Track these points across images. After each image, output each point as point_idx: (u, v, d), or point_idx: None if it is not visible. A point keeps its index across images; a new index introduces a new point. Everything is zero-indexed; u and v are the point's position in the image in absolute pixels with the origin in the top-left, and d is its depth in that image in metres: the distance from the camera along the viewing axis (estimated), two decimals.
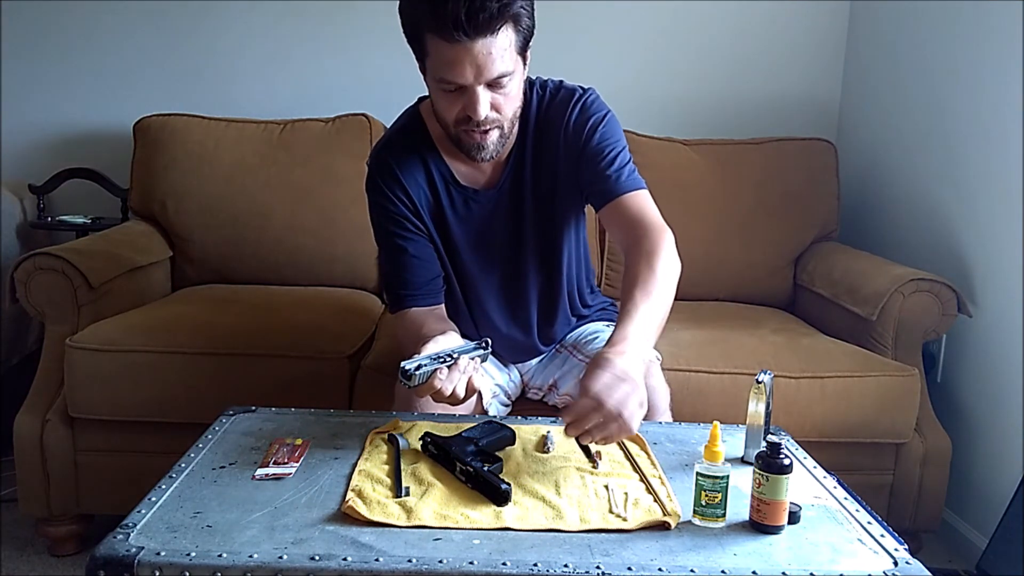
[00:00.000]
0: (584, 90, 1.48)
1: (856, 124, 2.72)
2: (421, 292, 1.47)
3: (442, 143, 1.47)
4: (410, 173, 1.47)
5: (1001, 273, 2.00)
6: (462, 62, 1.26)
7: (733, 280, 2.45)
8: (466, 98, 1.31)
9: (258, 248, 2.43)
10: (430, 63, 1.31)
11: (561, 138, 1.46)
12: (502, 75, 1.29)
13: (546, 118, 1.46)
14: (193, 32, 2.69)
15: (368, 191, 1.52)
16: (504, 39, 1.27)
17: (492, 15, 1.23)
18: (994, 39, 2.04)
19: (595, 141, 1.44)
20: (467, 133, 1.35)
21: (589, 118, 1.45)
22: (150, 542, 0.96)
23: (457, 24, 1.22)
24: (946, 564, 2.03)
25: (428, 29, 1.27)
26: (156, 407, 1.88)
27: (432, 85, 1.35)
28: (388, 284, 1.52)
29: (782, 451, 1.05)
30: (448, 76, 1.29)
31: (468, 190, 1.49)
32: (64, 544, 1.98)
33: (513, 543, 1.00)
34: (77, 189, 2.64)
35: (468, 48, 1.25)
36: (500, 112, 1.34)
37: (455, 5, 1.21)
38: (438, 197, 1.48)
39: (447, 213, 1.49)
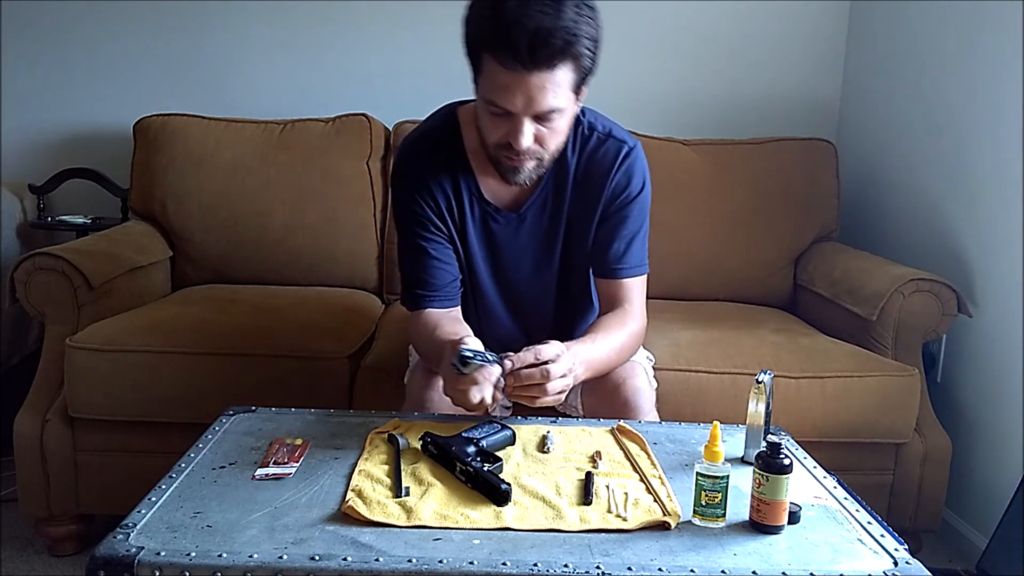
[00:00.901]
0: (631, 146, 1.48)
1: (856, 124, 2.72)
2: (438, 294, 1.47)
3: (474, 154, 1.45)
4: (437, 178, 1.45)
5: (1001, 273, 2.00)
6: (514, 90, 1.25)
7: (733, 280, 2.45)
8: (511, 124, 1.29)
9: (258, 248, 2.43)
10: (482, 82, 1.30)
11: (604, 191, 1.47)
12: (552, 110, 1.28)
13: (590, 163, 1.46)
14: (193, 32, 2.69)
15: (393, 185, 1.51)
16: (561, 76, 1.25)
17: (554, 51, 1.21)
18: (994, 39, 2.04)
19: (624, 214, 1.48)
20: (506, 157, 1.34)
21: (629, 183, 1.47)
22: (150, 542, 0.96)
23: (518, 53, 1.20)
24: (946, 564, 2.03)
25: (487, 49, 1.25)
26: (156, 407, 1.88)
27: (480, 103, 1.33)
28: (405, 282, 1.51)
29: (782, 451, 1.05)
30: (498, 100, 1.27)
31: (491, 207, 1.48)
32: (64, 544, 1.98)
33: (513, 543, 0.99)
34: (77, 189, 2.64)
35: (523, 78, 1.23)
36: (542, 145, 1.33)
37: (520, 34, 1.19)
38: (462, 208, 1.47)
39: (468, 225, 1.48)
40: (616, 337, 1.45)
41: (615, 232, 1.49)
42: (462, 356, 1.18)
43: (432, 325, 1.43)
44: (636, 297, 1.52)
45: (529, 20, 1.19)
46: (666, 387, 1.78)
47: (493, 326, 1.58)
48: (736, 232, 2.44)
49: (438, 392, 1.42)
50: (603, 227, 1.49)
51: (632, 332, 1.50)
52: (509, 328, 1.59)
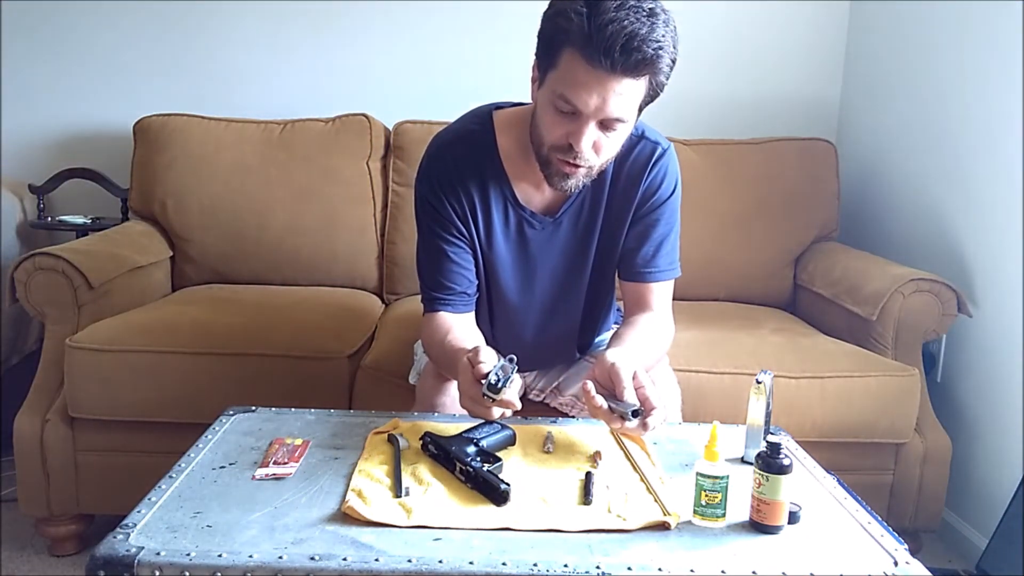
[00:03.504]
0: (664, 148, 1.47)
1: (856, 124, 2.72)
2: (454, 298, 1.45)
3: (509, 160, 1.43)
4: (466, 182, 1.43)
5: (1001, 273, 2.00)
6: (592, 90, 1.23)
7: (733, 280, 2.45)
8: (574, 126, 1.27)
9: (258, 248, 2.43)
10: (555, 77, 1.26)
11: (637, 193, 1.46)
12: (618, 119, 1.27)
13: (624, 165, 1.45)
14: (193, 32, 2.69)
15: (419, 183, 1.48)
16: (638, 87, 1.25)
17: (643, 59, 1.20)
18: (994, 39, 2.05)
19: (655, 216, 1.47)
20: (560, 160, 1.32)
21: (661, 185, 1.46)
22: (150, 542, 0.96)
23: (608, 52, 1.19)
24: (946, 564, 2.03)
25: (572, 45, 1.22)
26: (156, 407, 1.88)
27: (546, 99, 1.30)
28: (422, 282, 1.49)
29: (782, 451, 1.05)
30: (571, 96, 1.24)
31: (527, 212, 1.45)
32: (64, 544, 1.98)
33: (513, 543, 0.99)
34: (77, 189, 2.64)
35: (605, 79, 1.22)
36: (598, 153, 1.31)
37: (615, 34, 1.18)
38: (489, 214, 1.45)
39: (497, 231, 1.46)
40: (654, 342, 1.44)
41: (646, 235, 1.48)
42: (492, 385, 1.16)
43: (444, 330, 1.42)
44: (664, 301, 1.51)
45: (627, 24, 1.19)
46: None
47: (513, 332, 1.56)
48: (736, 232, 2.44)
49: (450, 397, 1.41)
50: (634, 229, 1.48)
51: (667, 337, 1.50)
52: (530, 334, 1.57)
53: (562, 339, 1.61)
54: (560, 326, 1.58)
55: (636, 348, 1.35)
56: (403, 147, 2.47)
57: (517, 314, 1.55)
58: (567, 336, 1.61)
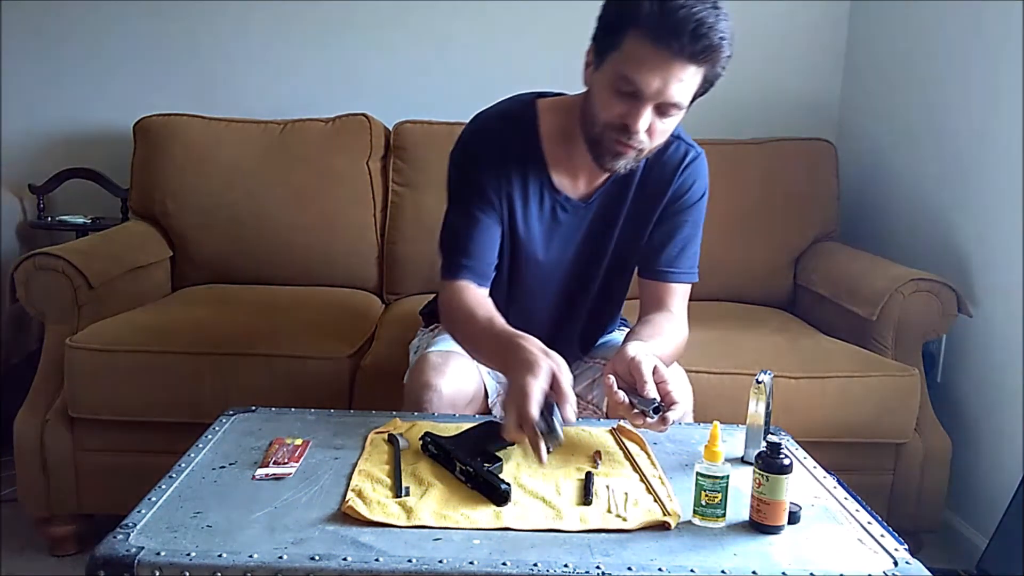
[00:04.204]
0: (697, 152, 1.51)
1: (856, 124, 2.72)
2: (479, 269, 1.43)
3: (550, 143, 1.45)
4: (505, 160, 1.44)
5: (1001, 273, 2.00)
6: (655, 71, 1.25)
7: (733, 280, 2.45)
8: (632, 106, 1.29)
9: (258, 248, 2.43)
10: (617, 58, 1.28)
11: (667, 192, 1.48)
12: (675, 105, 1.29)
13: (657, 162, 1.47)
14: (193, 32, 2.69)
15: (458, 154, 1.47)
16: (697, 75, 1.27)
17: (708, 47, 1.24)
18: (994, 39, 2.04)
19: (682, 218, 1.50)
20: (612, 139, 1.33)
21: (691, 187, 1.49)
22: (150, 542, 0.96)
23: (678, 35, 1.22)
24: (946, 564, 2.03)
25: (639, 26, 1.24)
26: (156, 407, 1.88)
27: (605, 80, 1.31)
28: (447, 248, 1.46)
29: (782, 451, 1.04)
30: (634, 76, 1.26)
31: (561, 196, 1.47)
32: (64, 544, 1.98)
33: (513, 543, 0.99)
34: (77, 189, 2.64)
35: (669, 62, 1.24)
36: (650, 138, 1.33)
37: (686, 19, 1.21)
38: (527, 194, 1.46)
39: (532, 214, 1.47)
40: (671, 340, 1.45)
41: (671, 235, 1.51)
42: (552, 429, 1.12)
43: (471, 303, 1.39)
44: (682, 303, 1.54)
45: (697, 11, 1.22)
46: None
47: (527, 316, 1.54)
48: (736, 232, 2.44)
49: (439, 395, 1.41)
50: (659, 229, 1.51)
51: (682, 336, 1.51)
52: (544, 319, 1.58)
53: (571, 331, 1.61)
54: (572, 317, 1.59)
55: (655, 343, 1.35)
56: (403, 147, 2.47)
57: (536, 298, 1.55)
58: (575, 329, 1.61)
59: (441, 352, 1.47)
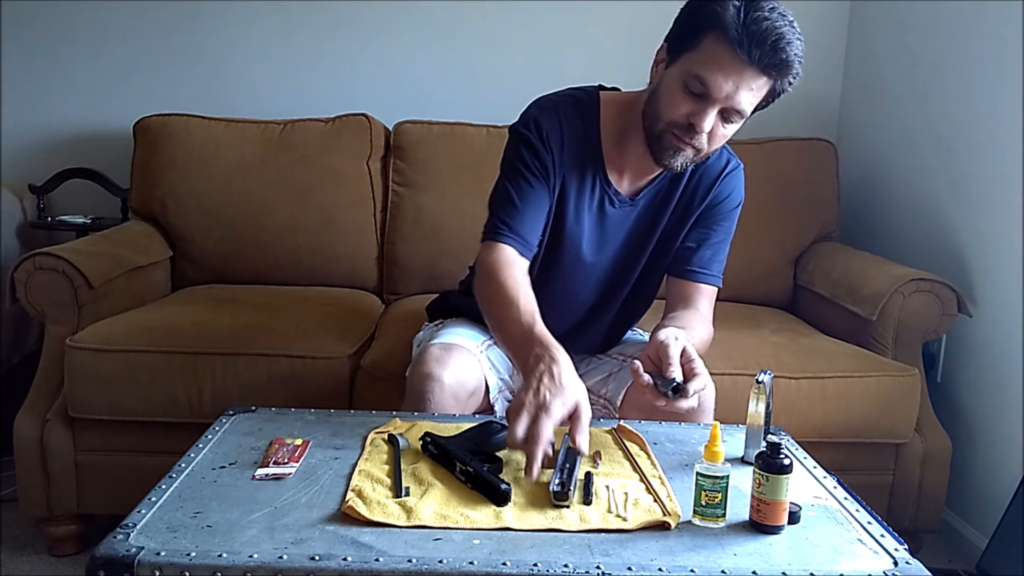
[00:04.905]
0: (738, 164, 1.57)
1: (856, 124, 2.72)
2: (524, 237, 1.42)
3: (609, 136, 1.48)
4: (569, 144, 1.46)
5: (1001, 273, 2.00)
6: (729, 75, 1.29)
7: (733, 280, 2.41)
8: (699, 107, 1.33)
9: (258, 248, 2.43)
10: (692, 57, 1.32)
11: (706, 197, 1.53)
12: (739, 112, 1.34)
13: (700, 167, 1.51)
14: (193, 32, 2.69)
15: (521, 127, 1.46)
16: (765, 87, 1.33)
17: (783, 61, 1.30)
18: (994, 39, 2.05)
19: (717, 223, 1.55)
20: (675, 136, 1.36)
21: (729, 195, 1.55)
22: (150, 542, 0.96)
23: (759, 44, 1.27)
24: (946, 564, 2.03)
25: (721, 30, 1.28)
26: (156, 407, 1.88)
27: (675, 78, 1.34)
28: (496, 207, 1.45)
29: (782, 451, 1.04)
30: (707, 77, 1.30)
31: (611, 189, 1.50)
32: (64, 544, 1.98)
33: (513, 543, 0.99)
34: (77, 189, 2.64)
35: (743, 69, 1.29)
36: (710, 141, 1.37)
37: (768, 31, 1.27)
38: (582, 185, 1.48)
39: (584, 203, 1.49)
40: (698, 333, 1.46)
41: (704, 238, 1.55)
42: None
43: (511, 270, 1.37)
44: (709, 305, 1.57)
45: (778, 27, 1.29)
46: None
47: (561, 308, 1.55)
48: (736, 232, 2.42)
49: (440, 386, 1.40)
50: (694, 231, 1.55)
51: (709, 333, 1.52)
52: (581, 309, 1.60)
53: (600, 326, 1.63)
54: (603, 312, 1.61)
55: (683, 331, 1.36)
56: (403, 147, 2.47)
57: (572, 289, 1.57)
58: (604, 324, 1.63)
59: (444, 345, 1.47)
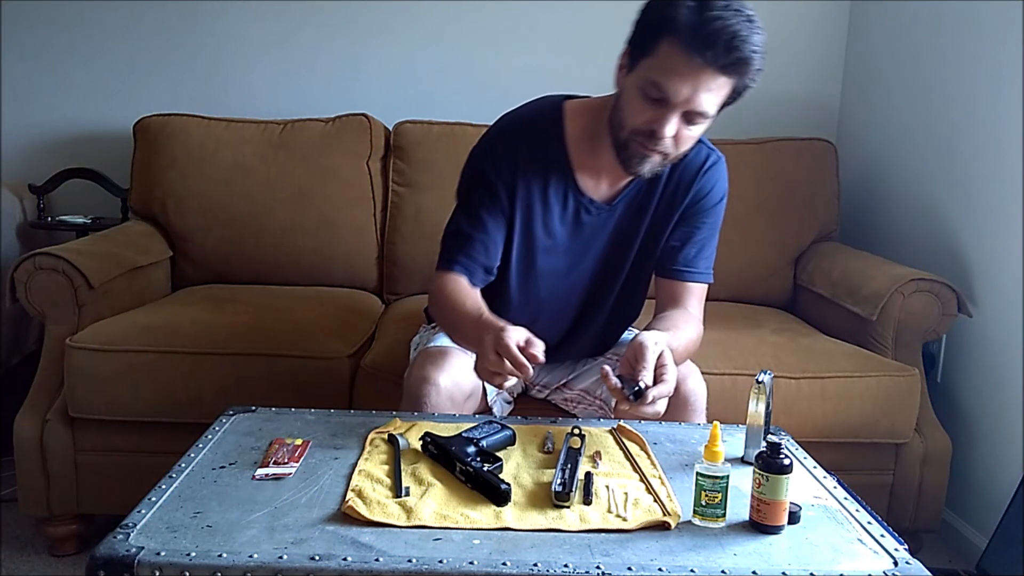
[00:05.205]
0: (718, 157, 1.53)
1: (856, 124, 2.72)
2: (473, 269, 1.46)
3: (575, 147, 1.46)
4: (526, 168, 1.46)
5: (1001, 273, 2.00)
6: (686, 79, 1.27)
7: (733, 280, 2.45)
8: (660, 113, 1.31)
9: (258, 248, 2.43)
10: (649, 64, 1.30)
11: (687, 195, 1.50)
12: (702, 113, 1.31)
13: (679, 165, 1.48)
14: (193, 32, 2.69)
15: (476, 157, 1.49)
16: (726, 86, 1.29)
17: (741, 59, 1.25)
18: (994, 38, 2.04)
19: (701, 220, 1.52)
20: (639, 143, 1.35)
21: (711, 190, 1.51)
22: (150, 542, 0.96)
23: (712, 45, 1.23)
24: (946, 564, 2.03)
25: (675, 34, 1.26)
26: (156, 407, 1.88)
27: (634, 84, 1.33)
28: (447, 244, 1.48)
29: (782, 451, 1.05)
30: (664, 83, 1.28)
31: (585, 198, 1.49)
32: (64, 544, 1.98)
33: (513, 543, 0.99)
34: (77, 189, 2.64)
35: (700, 71, 1.26)
36: (677, 145, 1.35)
37: (721, 30, 1.23)
38: (548, 199, 1.47)
39: (555, 215, 1.48)
40: (686, 334, 1.46)
41: (689, 236, 1.53)
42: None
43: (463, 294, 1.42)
44: (698, 303, 1.56)
45: (732, 24, 1.24)
46: None
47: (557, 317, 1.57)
48: (736, 232, 2.41)
49: (436, 389, 1.41)
50: (678, 230, 1.53)
51: (698, 333, 1.52)
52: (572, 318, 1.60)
53: (595, 327, 1.63)
54: (595, 313, 1.61)
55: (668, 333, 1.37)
56: (403, 147, 2.47)
57: (561, 296, 1.57)
58: (595, 329, 1.63)
59: (440, 348, 1.48)
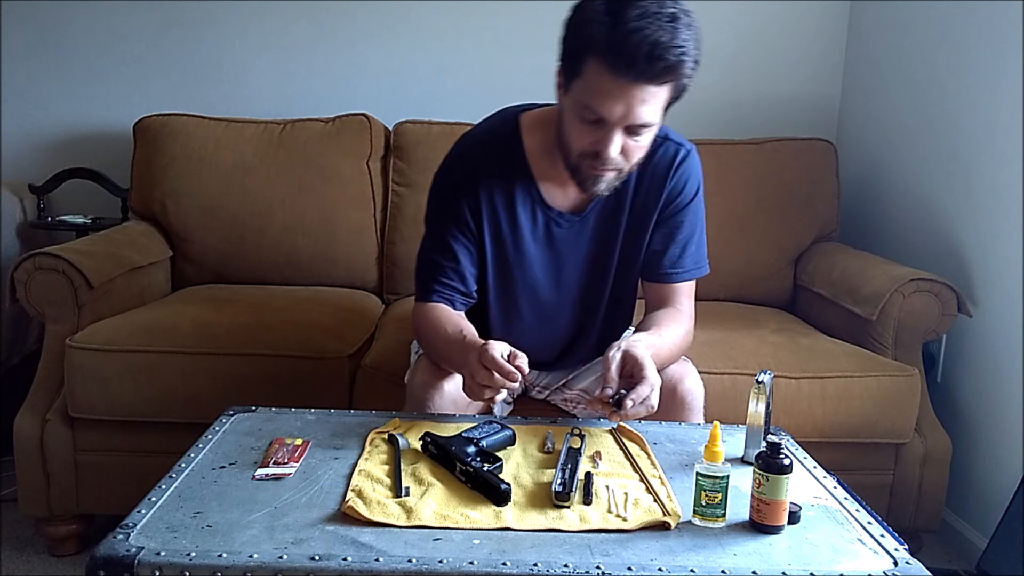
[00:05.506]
0: (688, 150, 1.50)
1: (856, 124, 2.72)
2: (451, 297, 1.46)
3: (536, 160, 1.44)
4: (489, 186, 1.44)
5: (1001, 273, 2.00)
6: (617, 98, 1.24)
7: (733, 280, 2.45)
8: (601, 133, 1.29)
9: (258, 248, 2.43)
10: (580, 86, 1.28)
11: (662, 196, 1.48)
12: (645, 124, 1.28)
13: (648, 167, 1.46)
14: (193, 32, 2.69)
15: (438, 180, 1.49)
16: (662, 92, 1.26)
17: (666, 67, 1.22)
18: (994, 39, 2.04)
19: (679, 219, 1.50)
20: (588, 166, 1.34)
21: (685, 187, 1.49)
22: (150, 542, 0.96)
23: (632, 62, 1.20)
24: (946, 564, 2.03)
25: (596, 53, 1.23)
26: (156, 407, 1.88)
27: (571, 108, 1.31)
28: (423, 274, 1.48)
29: (782, 451, 1.05)
30: (597, 106, 1.26)
31: (554, 211, 1.47)
32: (64, 544, 1.98)
33: (513, 543, 1.00)
34: (77, 189, 2.64)
35: (629, 88, 1.23)
36: (627, 158, 1.33)
37: (638, 43, 1.19)
38: (515, 216, 1.45)
39: (525, 231, 1.47)
40: (674, 334, 1.44)
41: (671, 237, 1.50)
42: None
43: (443, 323, 1.42)
44: (687, 299, 1.53)
45: (649, 32, 1.20)
46: None
47: (546, 331, 1.56)
48: (736, 232, 2.44)
49: (440, 393, 1.41)
50: (658, 232, 1.50)
51: (687, 331, 1.50)
52: (562, 332, 1.58)
53: (591, 337, 1.61)
54: (589, 324, 1.59)
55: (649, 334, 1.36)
56: (403, 147, 2.47)
57: (548, 313, 1.55)
58: (594, 334, 1.61)
59: None
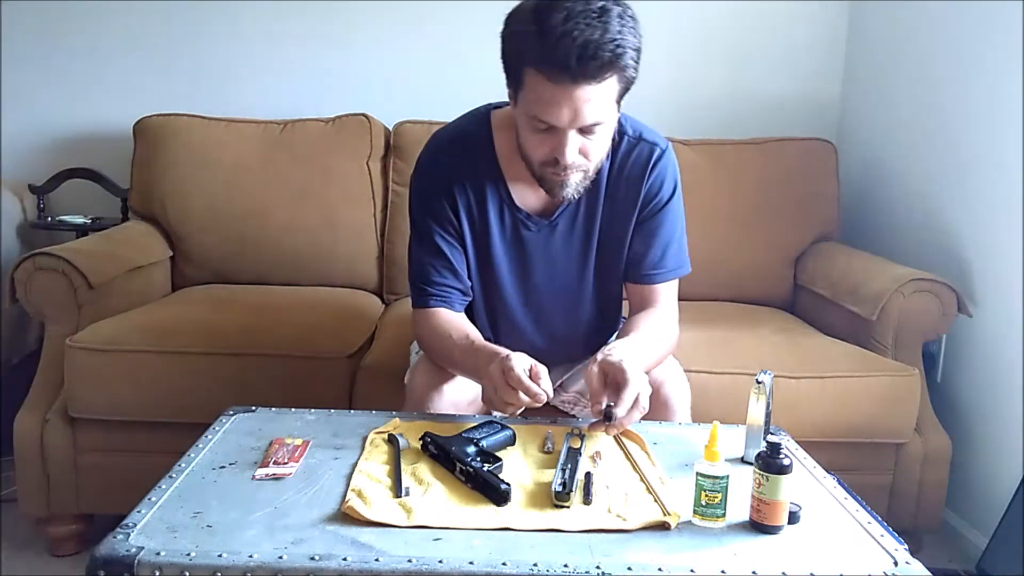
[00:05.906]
0: (663, 148, 1.47)
1: (856, 124, 2.72)
2: (450, 295, 1.45)
3: (506, 161, 1.43)
4: (462, 181, 1.43)
5: (1001, 273, 2.00)
6: (561, 104, 1.23)
7: (733, 280, 2.45)
8: (555, 140, 1.28)
9: (258, 248, 2.43)
10: (525, 97, 1.27)
11: (639, 197, 1.46)
12: (596, 123, 1.27)
13: (623, 167, 1.44)
14: (193, 32, 2.69)
15: (415, 180, 1.49)
16: (607, 88, 1.24)
17: (603, 64, 1.20)
18: (994, 39, 2.04)
19: (659, 220, 1.47)
20: (551, 173, 1.33)
21: (662, 187, 1.46)
22: (150, 542, 0.96)
23: (566, 66, 1.19)
24: (946, 564, 2.03)
25: (532, 64, 1.23)
26: (156, 407, 1.88)
27: (522, 120, 1.31)
28: (416, 278, 1.47)
29: (782, 451, 1.05)
30: (543, 115, 1.25)
31: (522, 213, 1.45)
32: (64, 544, 1.98)
33: (513, 543, 0.99)
34: (77, 189, 2.64)
35: (570, 91, 1.22)
36: (587, 157, 1.32)
37: (567, 47, 1.18)
38: (485, 215, 1.45)
39: (493, 232, 1.46)
40: (655, 336, 1.44)
41: (651, 239, 1.48)
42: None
43: (445, 327, 1.42)
44: (669, 299, 1.52)
45: (577, 33, 1.18)
46: None
47: (516, 335, 1.54)
48: (736, 232, 2.44)
49: (440, 393, 1.41)
50: (638, 235, 1.48)
51: (670, 332, 1.50)
52: (536, 337, 1.56)
53: (574, 341, 1.60)
54: (571, 329, 1.57)
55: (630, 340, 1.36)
56: (403, 147, 2.47)
57: (518, 317, 1.54)
58: (579, 338, 1.60)
59: None
